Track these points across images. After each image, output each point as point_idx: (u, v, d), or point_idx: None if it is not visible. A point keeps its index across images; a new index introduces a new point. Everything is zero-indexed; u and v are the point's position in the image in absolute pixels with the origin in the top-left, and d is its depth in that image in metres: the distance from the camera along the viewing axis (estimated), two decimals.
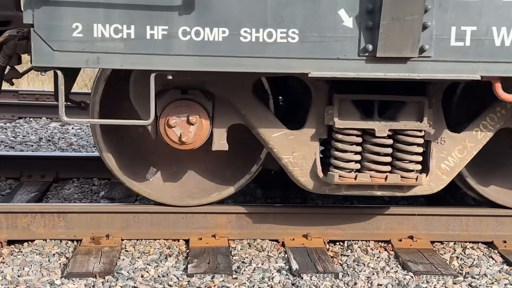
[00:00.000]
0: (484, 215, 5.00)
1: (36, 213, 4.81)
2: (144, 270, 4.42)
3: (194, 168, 5.05)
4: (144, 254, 4.69)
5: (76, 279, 4.23)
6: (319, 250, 4.74)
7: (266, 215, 4.93)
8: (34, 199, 5.63)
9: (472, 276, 4.46)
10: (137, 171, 4.96)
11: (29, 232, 4.81)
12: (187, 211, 4.89)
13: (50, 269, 4.42)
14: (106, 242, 4.77)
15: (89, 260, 4.49)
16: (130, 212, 4.87)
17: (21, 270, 4.39)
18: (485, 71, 4.15)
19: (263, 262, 4.60)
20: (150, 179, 4.97)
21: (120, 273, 4.33)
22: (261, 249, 4.81)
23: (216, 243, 4.80)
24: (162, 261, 4.57)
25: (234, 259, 4.64)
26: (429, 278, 4.40)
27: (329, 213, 4.95)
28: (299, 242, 4.85)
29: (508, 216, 5.00)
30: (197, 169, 5.05)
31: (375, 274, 4.45)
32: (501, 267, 4.63)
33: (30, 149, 7.30)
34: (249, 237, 4.93)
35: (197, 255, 4.61)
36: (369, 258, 4.72)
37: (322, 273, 4.37)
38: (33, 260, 4.54)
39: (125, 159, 4.93)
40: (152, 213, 4.88)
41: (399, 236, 4.95)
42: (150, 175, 4.96)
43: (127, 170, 4.90)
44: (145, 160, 5.03)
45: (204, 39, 4.04)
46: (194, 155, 4.97)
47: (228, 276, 4.32)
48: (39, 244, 4.78)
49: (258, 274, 4.39)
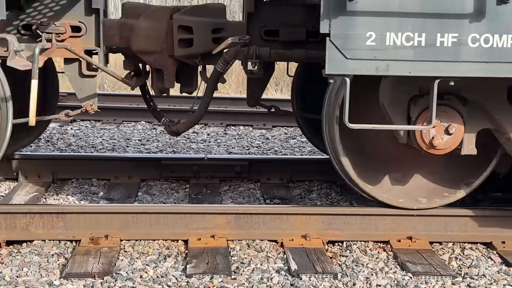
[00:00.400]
0: (483, 215, 5.00)
1: (35, 214, 4.80)
2: (143, 270, 4.42)
3: (422, 171, 5.11)
4: (143, 254, 4.69)
5: (75, 280, 4.23)
6: (318, 251, 4.74)
7: (265, 215, 4.93)
8: (32, 200, 5.62)
9: (471, 276, 4.47)
10: (369, 174, 5.02)
11: (28, 232, 4.81)
12: (186, 211, 4.89)
13: (49, 269, 4.42)
14: (105, 242, 4.77)
15: (88, 260, 4.49)
16: (129, 213, 4.87)
17: (20, 270, 4.39)
18: None
19: (262, 262, 4.60)
20: (383, 183, 5.05)
21: (119, 274, 4.33)
22: (260, 249, 4.82)
23: (215, 244, 4.80)
24: (161, 262, 4.57)
25: (233, 259, 4.64)
26: (428, 279, 4.40)
27: (328, 213, 4.95)
28: (298, 242, 4.85)
29: (507, 217, 5.00)
30: (425, 173, 5.10)
31: (374, 274, 4.45)
32: (499, 268, 4.64)
33: (29, 149, 7.29)
34: (248, 237, 4.94)
35: (196, 255, 4.61)
36: (368, 258, 4.72)
37: (321, 274, 4.37)
38: (32, 260, 4.54)
39: (360, 163, 5.00)
40: (151, 213, 4.88)
41: (398, 236, 4.95)
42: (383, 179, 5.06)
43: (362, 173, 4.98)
44: (376, 163, 5.10)
45: (493, 45, 4.15)
46: (423, 158, 5.01)
47: (227, 277, 4.32)
48: (38, 245, 4.78)
49: (257, 274, 4.39)
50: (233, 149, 7.85)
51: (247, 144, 8.14)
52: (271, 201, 5.81)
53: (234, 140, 8.36)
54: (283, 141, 8.39)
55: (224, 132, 8.83)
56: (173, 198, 5.90)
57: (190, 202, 5.76)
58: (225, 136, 8.58)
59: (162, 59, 5.27)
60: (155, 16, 5.27)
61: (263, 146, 8.05)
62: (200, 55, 5.29)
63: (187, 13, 5.28)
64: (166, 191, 6.07)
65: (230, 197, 5.95)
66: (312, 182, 6.42)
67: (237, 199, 5.90)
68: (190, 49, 5.21)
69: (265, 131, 8.98)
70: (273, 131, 9.01)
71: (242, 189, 6.19)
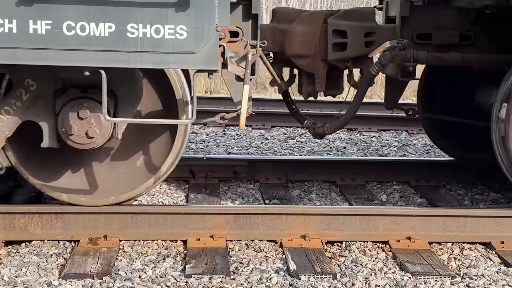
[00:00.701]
0: (482, 215, 5.01)
1: (33, 214, 4.80)
2: (141, 270, 4.41)
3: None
4: (142, 254, 4.69)
5: (73, 280, 4.23)
6: (317, 251, 4.74)
7: (263, 215, 4.92)
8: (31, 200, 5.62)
9: (470, 277, 4.47)
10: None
11: (26, 232, 4.81)
12: (185, 211, 4.89)
13: (48, 269, 4.41)
14: (104, 242, 4.76)
15: (86, 260, 4.48)
16: (127, 213, 4.86)
17: (19, 270, 4.38)
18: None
19: (261, 262, 4.60)
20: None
21: (118, 274, 4.32)
22: (259, 249, 4.81)
23: (214, 244, 4.79)
24: (160, 262, 4.57)
25: (232, 259, 4.64)
26: (427, 279, 4.40)
27: (327, 213, 4.95)
28: (297, 242, 4.85)
29: (506, 217, 5.01)
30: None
31: (373, 275, 4.45)
32: (498, 268, 4.64)
33: None
34: (247, 237, 4.93)
35: (195, 255, 4.61)
36: (367, 259, 4.72)
37: (320, 274, 4.37)
38: (30, 260, 4.54)
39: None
40: (150, 213, 4.87)
41: (397, 237, 4.95)
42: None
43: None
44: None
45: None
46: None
47: (226, 277, 4.32)
48: (37, 245, 4.78)
49: (256, 274, 4.39)
50: (232, 149, 7.85)
51: (246, 144, 8.15)
52: (270, 201, 5.81)
53: (233, 140, 8.37)
54: (282, 141, 8.40)
55: (223, 132, 8.83)
56: (172, 198, 5.90)
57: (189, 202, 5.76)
58: (224, 136, 8.59)
59: (314, 63, 5.45)
60: (309, 21, 5.45)
61: (262, 146, 8.05)
62: (351, 59, 5.45)
63: (341, 17, 5.45)
64: (165, 191, 6.07)
65: (229, 197, 5.95)
66: (311, 182, 6.43)
67: (236, 199, 5.89)
68: (343, 53, 5.38)
69: (264, 131, 8.98)
70: (272, 131, 9.02)
71: (241, 190, 6.19)
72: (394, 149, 8.26)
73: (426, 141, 8.69)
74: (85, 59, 3.99)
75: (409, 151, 8.14)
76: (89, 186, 4.90)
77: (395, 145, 8.49)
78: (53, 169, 4.88)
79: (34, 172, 4.82)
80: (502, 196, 6.24)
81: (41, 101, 4.47)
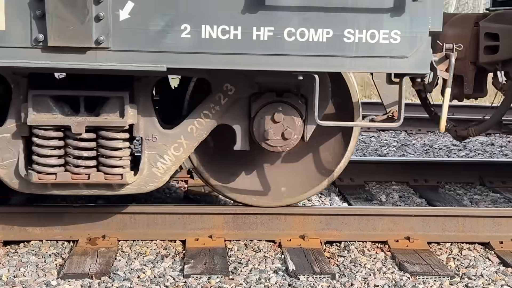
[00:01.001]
0: (481, 216, 5.00)
1: (32, 214, 4.80)
2: (140, 270, 4.41)
3: None
4: (141, 254, 4.69)
5: (72, 280, 4.23)
6: (315, 251, 4.74)
7: (262, 215, 4.92)
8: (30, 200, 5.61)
9: (469, 277, 4.47)
10: None
11: (25, 232, 4.80)
12: (183, 211, 4.89)
13: (46, 269, 4.41)
14: (103, 242, 4.76)
15: (85, 260, 4.48)
16: (126, 213, 4.86)
17: (17, 270, 4.38)
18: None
19: (259, 262, 4.59)
20: None
21: (117, 274, 4.32)
22: (258, 249, 4.81)
23: (212, 244, 4.79)
24: (158, 262, 4.57)
25: (230, 259, 4.63)
26: (425, 279, 4.40)
27: (326, 213, 4.95)
28: (295, 242, 4.85)
29: (505, 217, 5.00)
30: None
31: (371, 275, 4.45)
32: (497, 268, 4.63)
33: None
34: (245, 237, 4.93)
35: (193, 255, 4.61)
36: (366, 259, 4.72)
37: (319, 274, 4.37)
38: (29, 260, 4.53)
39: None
40: (149, 213, 4.87)
41: (396, 237, 4.95)
42: None
43: None
44: None
45: None
46: None
47: (224, 277, 4.31)
48: (35, 245, 4.77)
49: (254, 275, 4.38)
50: None
51: None
52: None
53: None
54: None
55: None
56: (171, 198, 5.90)
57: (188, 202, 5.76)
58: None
59: (464, 65, 5.46)
60: (460, 23, 5.48)
61: None
62: (501, 61, 5.42)
63: (492, 20, 5.43)
64: (164, 191, 6.07)
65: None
66: None
67: None
68: (495, 55, 5.38)
69: None
70: None
71: None
72: (393, 149, 8.26)
73: (425, 141, 8.69)
74: (303, 64, 4.09)
75: (408, 151, 8.14)
76: (263, 188, 5.03)
77: (394, 145, 8.49)
78: (231, 171, 5.01)
79: (214, 174, 4.93)
80: (501, 196, 6.24)
81: (237, 105, 4.58)
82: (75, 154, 4.36)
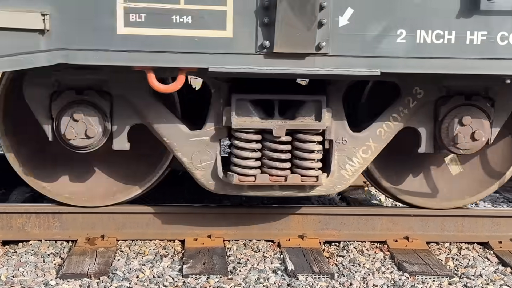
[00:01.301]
0: (479, 215, 5.01)
1: (31, 214, 4.80)
2: (139, 270, 4.41)
3: None
4: (140, 254, 4.69)
5: (71, 280, 4.22)
6: (314, 251, 4.74)
7: (261, 215, 4.92)
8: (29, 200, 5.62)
9: (468, 276, 4.47)
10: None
11: (24, 232, 4.80)
12: (183, 211, 4.88)
13: (45, 269, 4.41)
14: (101, 242, 4.76)
15: (84, 260, 4.48)
16: (125, 213, 4.86)
17: (16, 270, 4.38)
18: None
19: (258, 262, 4.59)
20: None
21: (115, 274, 4.32)
22: (257, 249, 4.81)
23: (211, 244, 4.79)
24: (157, 262, 4.57)
25: (229, 259, 4.63)
26: (424, 279, 4.40)
27: (324, 213, 4.95)
28: (294, 242, 4.85)
29: (503, 217, 5.01)
30: None
31: (370, 274, 4.45)
32: (496, 268, 4.64)
33: None
34: (244, 237, 4.93)
35: (192, 255, 4.60)
36: (365, 258, 4.72)
37: (318, 274, 4.37)
38: (28, 260, 4.53)
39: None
40: (148, 213, 4.87)
41: (395, 236, 4.95)
42: None
43: None
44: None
45: None
46: None
47: (223, 277, 4.31)
48: (34, 245, 4.77)
49: (253, 274, 4.38)
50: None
51: None
52: (268, 201, 5.81)
53: None
54: None
55: None
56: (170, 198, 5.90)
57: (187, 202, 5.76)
58: None
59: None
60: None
61: None
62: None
63: None
64: (163, 191, 6.06)
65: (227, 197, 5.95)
66: None
67: (235, 199, 5.89)
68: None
69: None
70: None
71: None
72: None
73: None
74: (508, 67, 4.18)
75: None
76: (431, 190, 5.09)
77: None
78: (404, 173, 5.07)
79: (386, 177, 5.02)
80: (500, 196, 6.25)
81: (425, 108, 4.63)
82: (273, 157, 4.46)
